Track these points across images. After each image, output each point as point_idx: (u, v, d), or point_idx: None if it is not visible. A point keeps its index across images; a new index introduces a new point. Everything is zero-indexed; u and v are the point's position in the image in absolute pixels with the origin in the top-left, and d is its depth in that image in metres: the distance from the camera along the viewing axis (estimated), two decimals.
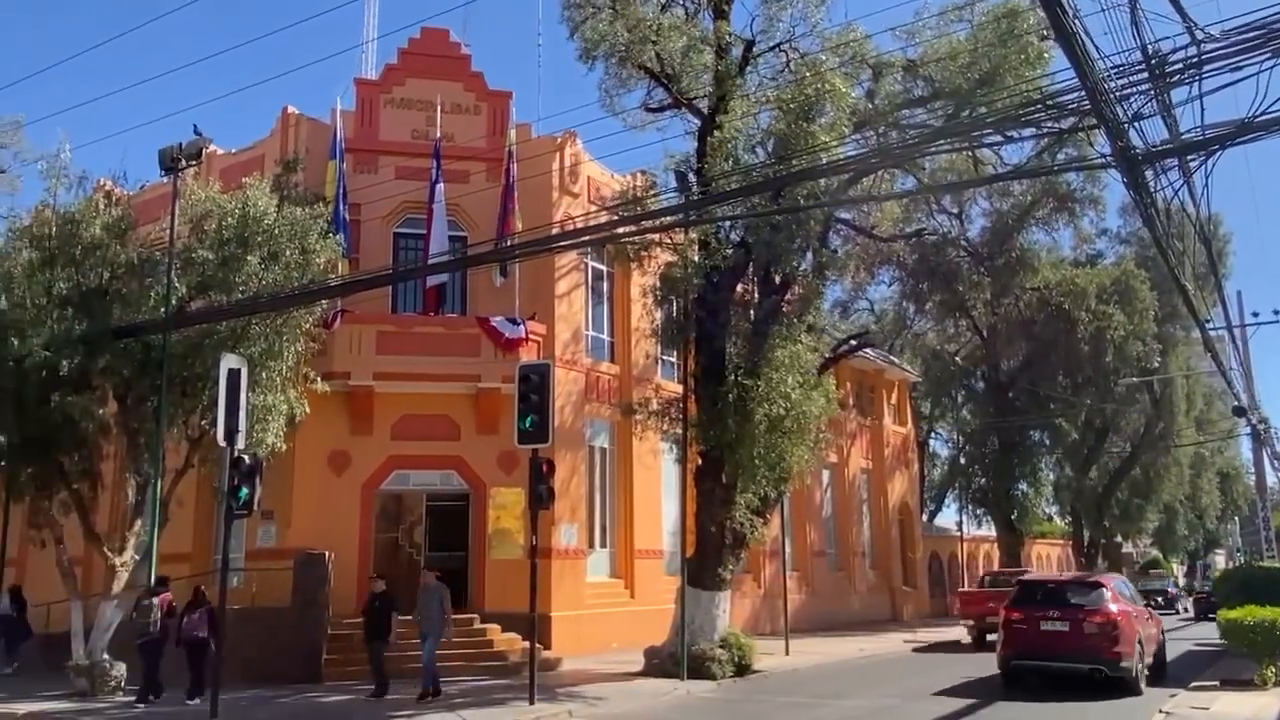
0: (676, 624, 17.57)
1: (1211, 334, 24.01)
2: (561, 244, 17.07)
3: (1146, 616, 17.00)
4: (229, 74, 69.02)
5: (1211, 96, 9.54)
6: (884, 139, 18.00)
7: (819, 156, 14.88)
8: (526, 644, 15.66)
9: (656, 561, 23.59)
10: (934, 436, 50.26)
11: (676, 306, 18.95)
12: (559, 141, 22.25)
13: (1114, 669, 14.68)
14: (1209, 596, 35.43)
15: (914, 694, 15.35)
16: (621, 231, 16.53)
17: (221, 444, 13.00)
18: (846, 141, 16.11)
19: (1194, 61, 9.34)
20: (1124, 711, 13.35)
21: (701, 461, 18.24)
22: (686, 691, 15.71)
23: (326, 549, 17.57)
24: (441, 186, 20.28)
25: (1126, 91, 9.83)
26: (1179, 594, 51.43)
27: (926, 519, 44.83)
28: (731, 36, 18.30)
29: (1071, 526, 48.64)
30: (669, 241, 18.01)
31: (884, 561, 36.49)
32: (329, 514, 18.90)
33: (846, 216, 22.12)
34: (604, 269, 23.63)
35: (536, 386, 14.23)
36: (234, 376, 12.94)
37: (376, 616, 15.09)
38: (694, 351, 18.46)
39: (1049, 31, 14.41)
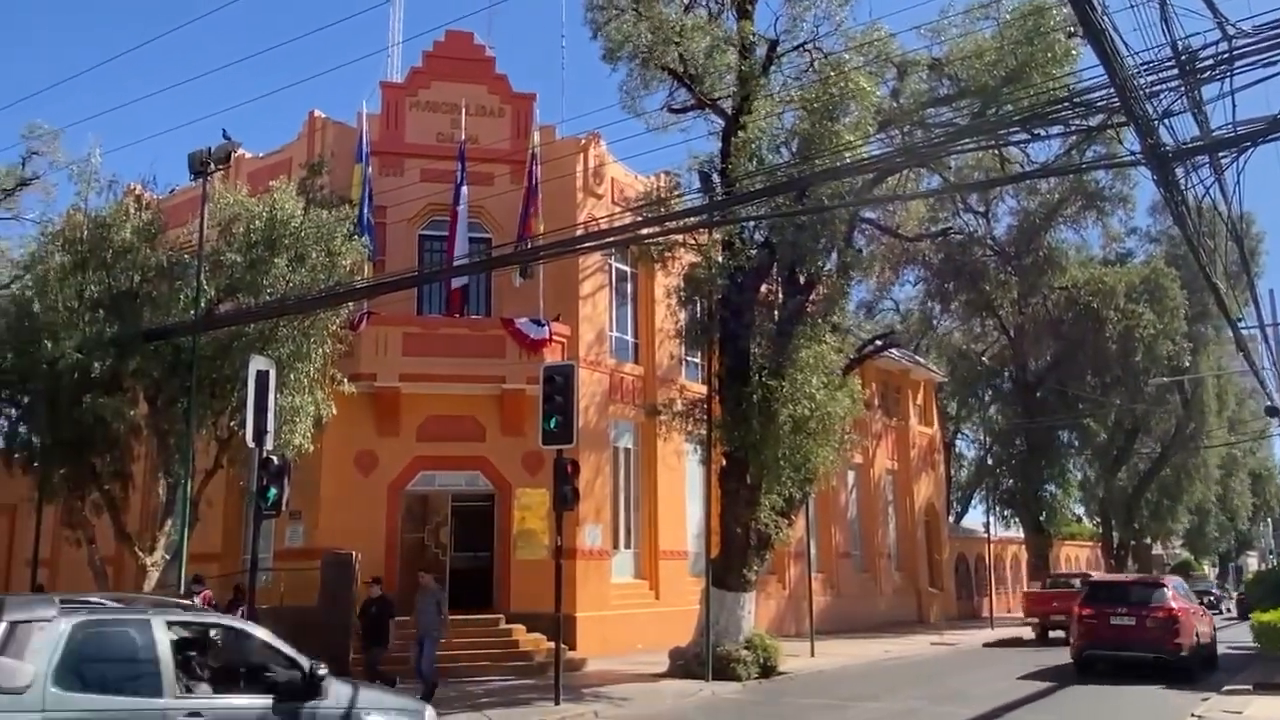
0: (701, 625, 17.54)
1: (1243, 333, 23.70)
2: (586, 245, 17.09)
3: (1201, 613, 19.03)
4: (257, 79, 69.83)
5: (1243, 93, 9.50)
6: (909, 138, 17.90)
7: (843, 156, 14.81)
8: (551, 644, 15.69)
9: (681, 562, 23.57)
10: (960, 437, 49.91)
11: (700, 307, 18.92)
12: (583, 143, 22.30)
13: (1175, 657, 16.89)
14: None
15: (940, 696, 15.28)
16: (645, 232, 16.52)
17: (250, 445, 13.09)
18: (871, 141, 16.03)
19: (1225, 57, 9.24)
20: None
21: (726, 462, 18.21)
22: (711, 693, 15.69)
23: (353, 549, 17.69)
24: (465, 189, 20.38)
25: (1156, 88, 9.73)
26: (1222, 595, 51.02)
27: (953, 520, 44.51)
28: (755, 36, 18.27)
29: (1100, 528, 48.11)
30: (693, 242, 17.99)
31: (910, 563, 36.25)
32: (356, 514, 19.03)
33: (871, 216, 22.02)
34: (628, 270, 23.65)
35: (561, 388, 14.26)
36: (262, 378, 13.03)
37: (374, 621, 14.85)
38: (718, 352, 18.43)
39: (1076, 28, 14.30)
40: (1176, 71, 9.51)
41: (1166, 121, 10.12)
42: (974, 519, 47.97)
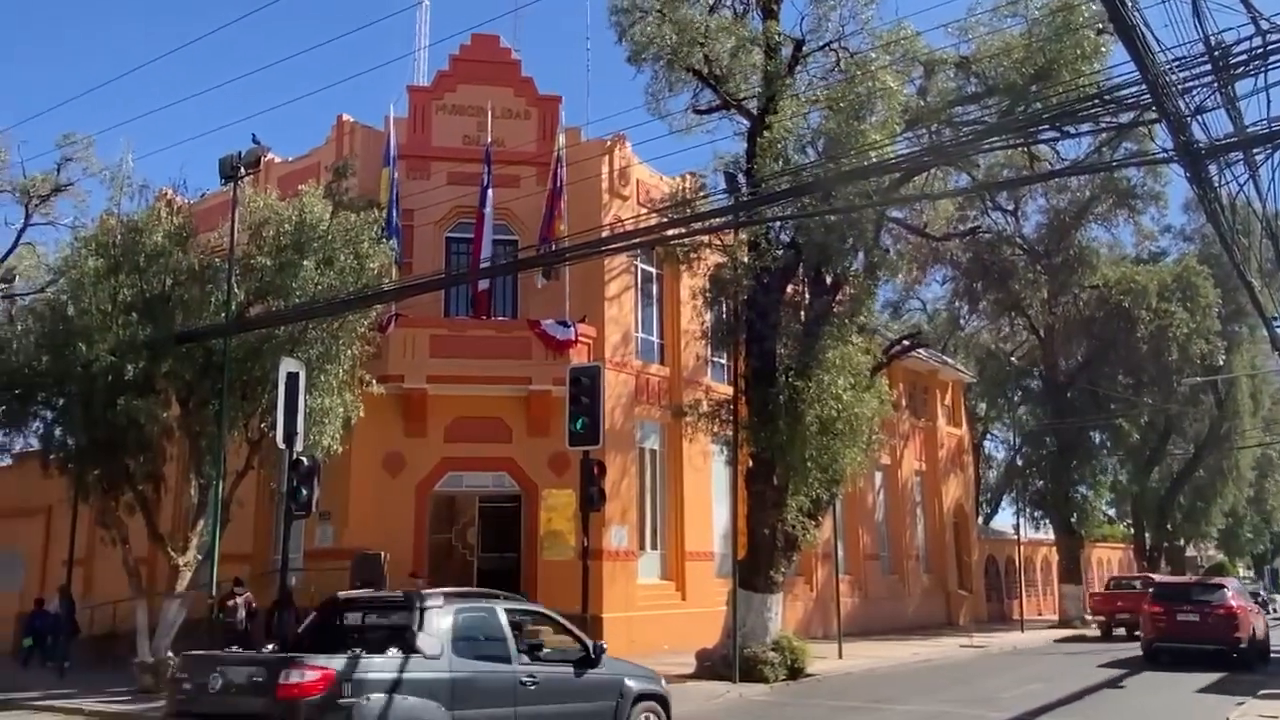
0: (728, 626, 17.49)
1: (1278, 332, 23.32)
2: (611, 247, 17.10)
3: (1256, 611, 21.45)
4: (286, 84, 70.53)
5: (1278, 88, 9.29)
6: (936, 137, 17.77)
7: (870, 155, 14.72)
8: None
9: (708, 563, 23.53)
10: (989, 438, 49.46)
11: (726, 308, 18.88)
12: (608, 145, 22.32)
13: (1234, 649, 19.24)
14: None
15: (970, 700, 15.16)
16: (671, 233, 16.51)
17: (280, 446, 13.22)
18: (898, 140, 15.93)
19: (1259, 53, 9.10)
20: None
21: (752, 463, 18.15)
22: (739, 695, 15.63)
23: (382, 549, 17.80)
24: (492, 192, 20.47)
25: (1189, 84, 9.60)
26: (1268, 597, 50.44)
27: (982, 522, 44.12)
28: (781, 36, 18.20)
29: (1133, 530, 47.49)
30: (719, 243, 17.96)
31: (939, 565, 35.98)
32: (384, 515, 19.16)
33: (899, 215, 21.89)
34: (653, 271, 23.65)
35: (587, 389, 14.28)
36: (292, 380, 13.15)
37: None
38: (744, 353, 18.38)
39: (1106, 24, 14.14)
40: (1209, 67, 9.38)
41: (1199, 118, 9.99)
42: (1004, 520, 47.58)
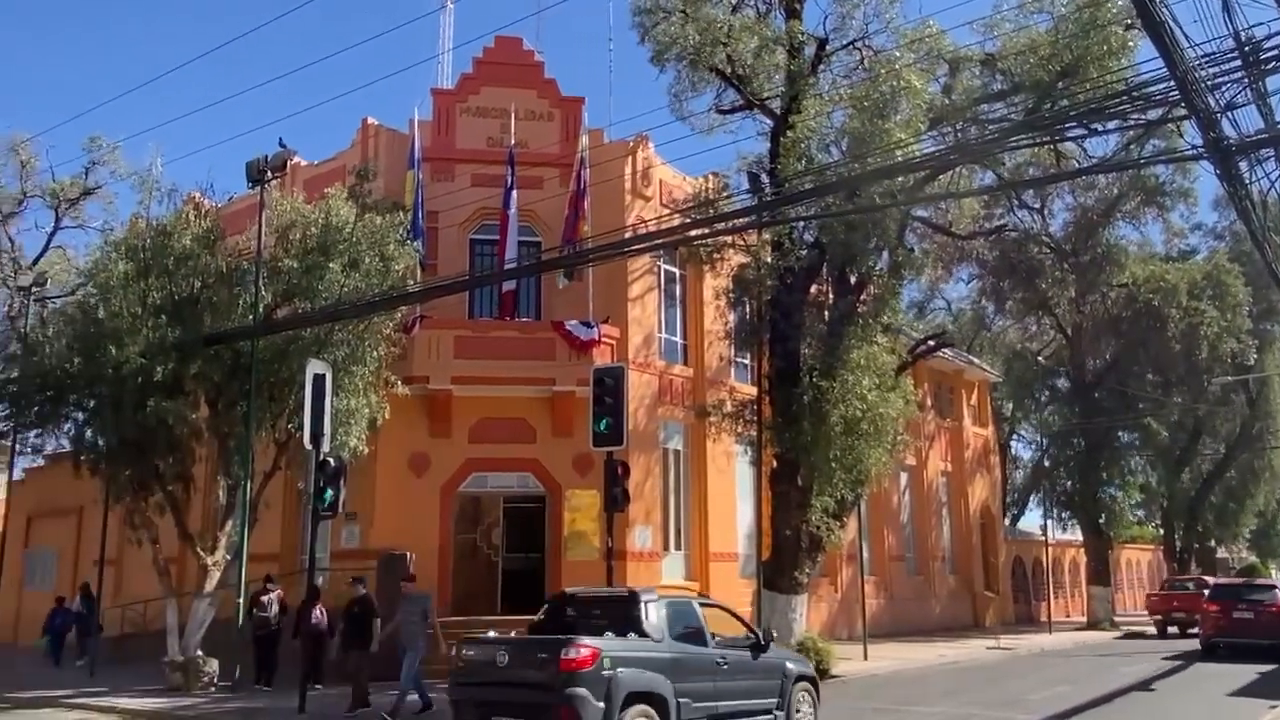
0: None
1: None
2: (635, 247, 17.13)
3: None
4: (312, 88, 71.12)
5: None
6: (962, 135, 17.66)
7: (894, 154, 14.66)
8: None
9: (732, 564, 23.48)
10: (1016, 438, 48.98)
11: (750, 308, 18.85)
12: (631, 145, 22.33)
13: None
14: None
15: (993, 702, 15.05)
16: (694, 234, 16.51)
17: (307, 447, 13.35)
18: (923, 138, 15.84)
19: None
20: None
21: (776, 464, 18.10)
22: None
23: (407, 549, 17.92)
24: (516, 193, 20.54)
25: (1218, 80, 9.49)
26: None
27: (1009, 523, 43.71)
28: (804, 35, 18.16)
29: (1162, 531, 46.90)
30: (742, 243, 17.92)
31: (965, 566, 35.71)
32: (409, 515, 19.27)
33: (923, 214, 21.75)
34: (676, 272, 23.63)
35: (611, 389, 14.30)
36: (319, 381, 13.28)
37: (355, 624, 13.92)
38: (768, 353, 18.34)
39: (1134, 20, 14.00)
40: (1239, 62, 9.27)
41: (1229, 114, 9.87)
42: (1031, 522, 47.09)
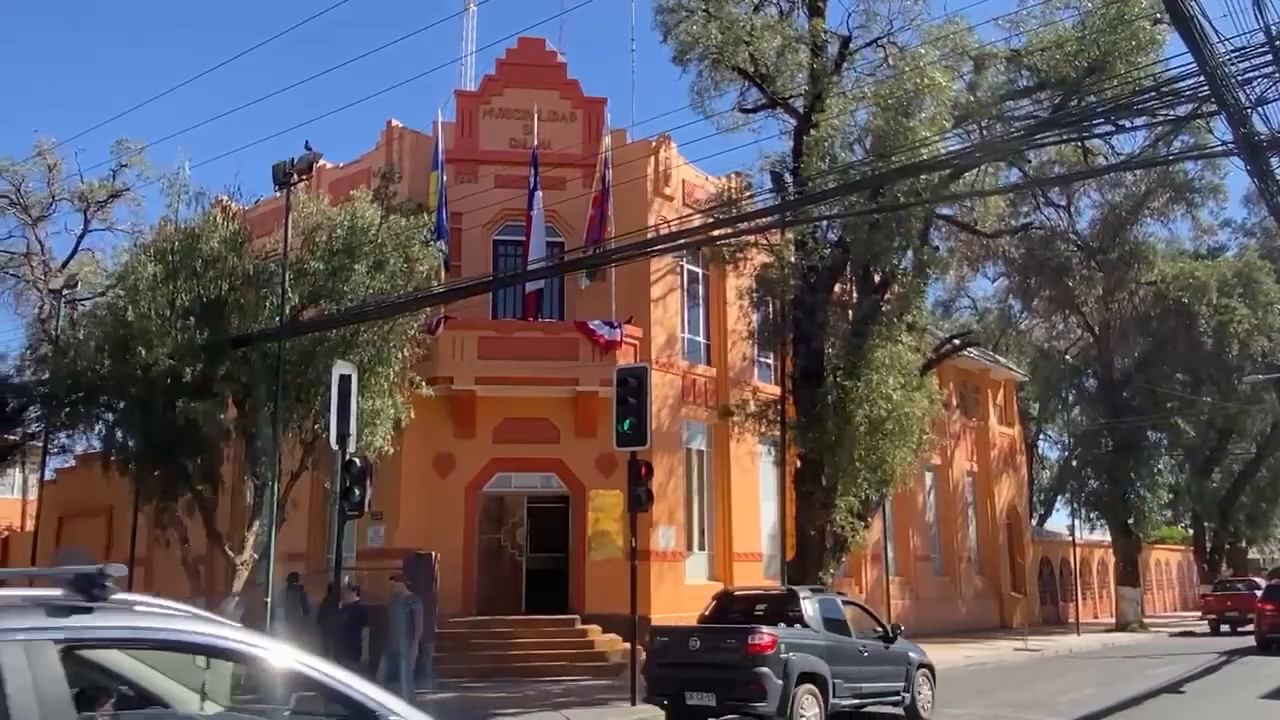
0: None
1: None
2: (657, 248, 17.13)
3: None
4: (337, 91, 71.72)
5: None
6: (987, 132, 17.53)
7: (919, 152, 14.57)
8: (627, 645, 15.76)
9: (756, 564, 23.41)
10: (1043, 438, 48.57)
11: (773, 308, 18.80)
12: (653, 145, 22.32)
13: None
14: None
15: (1022, 704, 14.95)
16: (717, 233, 16.49)
17: (333, 447, 13.43)
18: (948, 136, 15.74)
19: None
20: None
21: (800, 464, 18.05)
22: None
23: (432, 549, 18.01)
24: (540, 194, 20.59)
25: (1248, 75, 9.37)
26: None
27: (1036, 523, 43.36)
28: (827, 34, 18.10)
29: (1192, 531, 46.35)
30: (765, 242, 17.86)
31: (991, 567, 35.44)
32: (434, 515, 19.37)
33: (948, 212, 21.58)
34: (699, 271, 23.60)
35: (634, 389, 14.31)
36: (345, 382, 13.35)
37: (345, 632, 13.44)
38: (791, 353, 18.29)
39: (1163, 14, 13.83)
40: (1270, 57, 9.14)
41: (1260, 109, 9.75)
42: (1058, 522, 46.70)
